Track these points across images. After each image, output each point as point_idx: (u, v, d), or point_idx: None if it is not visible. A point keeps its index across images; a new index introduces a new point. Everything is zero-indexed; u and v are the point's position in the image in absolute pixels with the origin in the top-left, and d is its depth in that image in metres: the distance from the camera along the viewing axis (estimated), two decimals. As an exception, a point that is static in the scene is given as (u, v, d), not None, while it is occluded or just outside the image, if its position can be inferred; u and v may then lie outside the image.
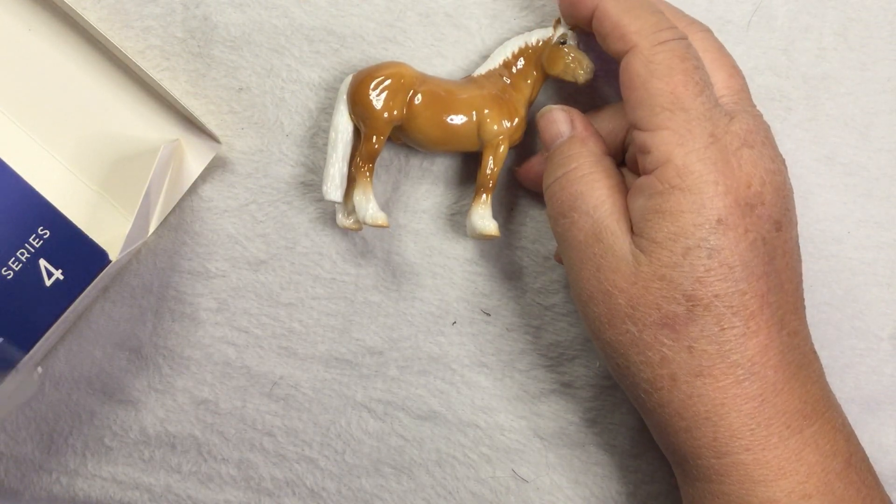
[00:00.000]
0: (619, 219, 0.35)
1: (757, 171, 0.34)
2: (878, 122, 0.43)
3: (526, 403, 0.43)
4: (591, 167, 0.37)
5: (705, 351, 0.34)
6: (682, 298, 0.33)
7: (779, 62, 0.43)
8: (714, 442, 0.34)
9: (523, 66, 0.40)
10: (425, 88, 0.39)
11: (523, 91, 0.40)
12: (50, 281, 0.39)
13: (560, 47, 0.39)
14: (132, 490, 0.44)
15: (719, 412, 0.34)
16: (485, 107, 0.39)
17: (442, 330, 0.43)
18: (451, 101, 0.39)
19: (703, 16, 0.43)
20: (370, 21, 0.42)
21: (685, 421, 0.35)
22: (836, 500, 0.34)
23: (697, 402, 0.34)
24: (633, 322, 0.35)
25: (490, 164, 0.40)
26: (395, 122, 0.39)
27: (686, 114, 0.34)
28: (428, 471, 0.43)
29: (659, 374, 0.35)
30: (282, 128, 0.42)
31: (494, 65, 0.40)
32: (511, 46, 0.40)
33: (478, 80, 0.40)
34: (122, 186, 0.42)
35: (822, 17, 0.43)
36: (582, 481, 0.43)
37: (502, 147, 0.40)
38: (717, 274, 0.33)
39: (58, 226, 0.39)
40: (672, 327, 0.34)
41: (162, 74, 0.42)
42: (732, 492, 0.34)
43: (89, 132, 0.42)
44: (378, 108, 0.38)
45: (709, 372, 0.34)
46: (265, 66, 0.42)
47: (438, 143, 0.40)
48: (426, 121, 0.39)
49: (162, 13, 0.42)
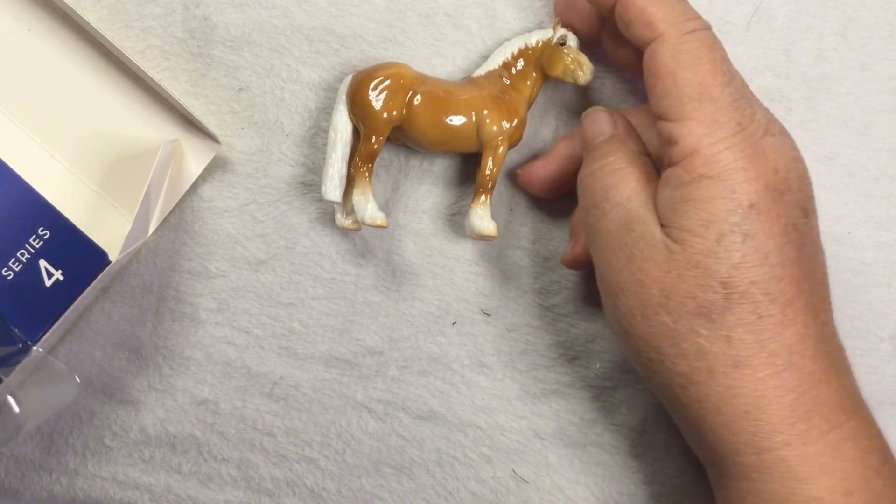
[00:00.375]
0: (650, 209, 0.35)
1: (781, 159, 0.34)
2: (878, 122, 0.43)
3: (526, 404, 0.43)
4: (626, 162, 0.36)
5: (743, 340, 0.33)
6: (719, 286, 0.33)
7: (779, 63, 0.43)
8: (754, 437, 0.33)
9: (523, 66, 0.40)
10: (425, 89, 0.39)
11: (523, 92, 0.40)
12: (50, 281, 0.39)
13: (560, 49, 0.39)
14: (132, 490, 0.44)
15: (759, 405, 0.33)
16: (484, 107, 0.39)
17: (442, 330, 0.43)
18: (451, 102, 0.39)
19: (703, 16, 0.43)
20: (370, 21, 0.42)
21: (723, 416, 0.34)
22: (877, 497, 0.33)
23: (736, 395, 0.33)
24: (667, 312, 0.34)
25: (489, 164, 0.39)
26: (394, 122, 0.39)
27: (714, 104, 0.33)
28: (428, 471, 0.43)
29: (695, 367, 0.34)
30: (282, 128, 0.42)
31: (494, 66, 0.40)
32: (510, 47, 0.40)
33: (477, 81, 0.40)
34: (122, 187, 0.42)
35: (822, 18, 0.43)
36: (582, 482, 0.43)
37: (501, 148, 0.39)
38: (752, 260, 0.33)
39: (58, 226, 0.39)
40: (708, 316, 0.33)
41: (162, 74, 0.42)
42: (774, 490, 0.33)
43: (89, 132, 0.42)
44: (377, 109, 0.38)
45: (747, 363, 0.33)
46: (265, 66, 0.42)
47: (438, 143, 0.40)
48: (425, 121, 0.39)
49: (162, 13, 0.42)
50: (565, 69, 0.39)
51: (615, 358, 0.43)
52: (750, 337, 0.33)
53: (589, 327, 0.43)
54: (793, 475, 0.33)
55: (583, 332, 0.44)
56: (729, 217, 0.33)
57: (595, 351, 0.44)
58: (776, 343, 0.33)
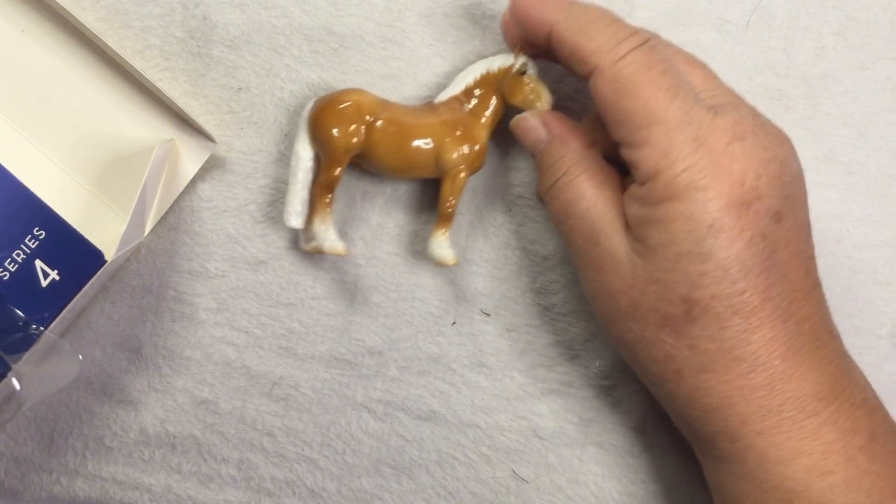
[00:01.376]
0: (612, 219, 0.36)
1: (751, 165, 0.33)
2: (877, 120, 0.43)
3: (526, 403, 0.43)
4: (577, 169, 0.37)
5: (707, 349, 0.34)
6: (679, 301, 0.34)
7: (778, 61, 0.43)
8: (726, 429, 0.35)
9: (484, 93, 0.40)
10: (385, 116, 0.39)
11: (484, 118, 0.40)
12: (46, 282, 0.39)
13: (520, 78, 0.39)
14: (132, 490, 0.44)
15: (727, 403, 0.34)
16: (444, 135, 0.39)
17: (441, 330, 0.43)
18: (411, 130, 0.39)
19: (702, 15, 0.43)
20: (369, 21, 0.42)
21: (696, 410, 0.35)
22: (861, 473, 0.34)
23: (704, 395, 0.34)
24: (634, 322, 0.35)
25: (449, 196, 0.39)
26: (354, 150, 0.39)
27: (663, 125, 0.33)
28: (428, 471, 0.43)
29: (665, 369, 0.35)
30: (281, 128, 0.42)
31: (456, 91, 0.40)
32: (473, 73, 0.40)
33: (438, 108, 0.40)
34: (118, 187, 0.42)
35: (821, 17, 0.43)
36: (582, 481, 0.43)
37: (461, 175, 0.39)
38: (711, 277, 0.33)
39: (53, 226, 0.39)
40: (672, 327, 0.34)
41: (161, 74, 0.42)
42: (751, 472, 0.35)
43: (84, 133, 0.41)
44: (337, 137, 0.38)
45: (712, 367, 0.34)
46: (264, 65, 0.42)
47: (398, 171, 0.40)
48: (385, 149, 0.39)
49: (161, 13, 0.41)
50: (524, 99, 0.39)
51: (614, 357, 0.44)
52: (713, 345, 0.34)
53: (588, 327, 0.44)
54: (766, 458, 0.34)
55: (582, 331, 0.44)
56: (687, 237, 0.33)
57: (594, 350, 0.44)
58: (741, 349, 0.34)
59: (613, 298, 0.35)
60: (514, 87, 0.39)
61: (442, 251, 0.40)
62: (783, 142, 0.35)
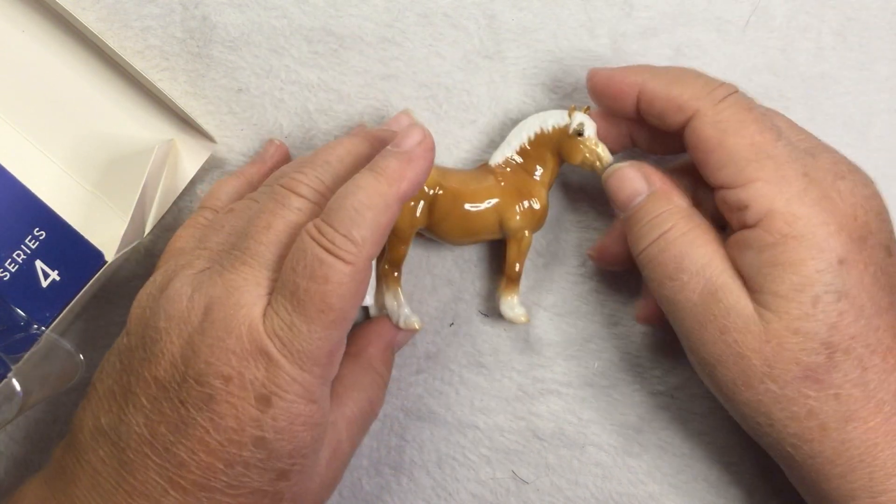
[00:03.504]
0: (732, 276, 0.34)
1: (857, 201, 0.33)
2: (876, 121, 0.43)
3: (524, 404, 0.43)
4: (686, 224, 0.35)
5: (851, 395, 0.33)
6: (821, 348, 0.32)
7: (777, 62, 0.43)
8: (870, 482, 0.33)
9: (539, 152, 0.39)
10: (445, 190, 0.38)
11: (542, 178, 0.39)
12: (46, 282, 0.39)
13: (577, 140, 0.38)
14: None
15: (872, 452, 0.33)
16: (505, 201, 0.39)
17: (439, 330, 0.43)
18: (472, 198, 0.39)
19: (702, 15, 0.43)
20: (369, 21, 0.42)
21: (838, 467, 0.33)
22: None
23: (850, 447, 0.33)
24: (772, 380, 0.33)
25: (516, 259, 0.40)
26: (418, 227, 0.39)
27: (773, 160, 0.33)
28: (428, 472, 0.43)
29: (807, 427, 0.33)
30: (280, 129, 0.42)
31: (510, 152, 0.39)
32: (526, 132, 0.39)
33: (495, 172, 0.39)
34: (118, 187, 0.42)
35: (820, 17, 0.43)
36: (581, 482, 0.43)
37: (525, 239, 0.39)
38: (850, 316, 0.32)
39: (54, 227, 0.39)
40: (815, 378, 0.33)
41: (161, 75, 0.42)
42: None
43: (84, 133, 0.42)
44: (401, 219, 0.38)
45: (857, 415, 0.33)
46: (264, 66, 0.42)
47: (461, 238, 0.40)
48: (449, 222, 0.39)
49: (161, 13, 0.41)
50: (584, 160, 0.38)
51: (612, 357, 0.43)
52: (857, 391, 0.33)
53: (586, 327, 0.43)
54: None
55: (580, 331, 0.44)
56: (821, 277, 0.32)
57: (592, 350, 0.44)
58: (883, 391, 0.33)
59: (744, 359, 0.33)
60: (572, 149, 0.38)
61: (514, 311, 0.40)
62: (872, 181, 0.35)
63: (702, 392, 0.43)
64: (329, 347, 0.32)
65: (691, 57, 0.43)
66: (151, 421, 0.32)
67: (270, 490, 0.32)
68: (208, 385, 0.31)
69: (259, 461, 0.32)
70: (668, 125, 0.36)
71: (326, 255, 0.31)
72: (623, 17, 0.43)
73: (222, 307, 0.32)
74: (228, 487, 0.32)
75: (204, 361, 0.31)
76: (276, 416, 0.31)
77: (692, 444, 0.43)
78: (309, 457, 0.33)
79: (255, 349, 0.31)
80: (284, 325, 0.31)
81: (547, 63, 0.43)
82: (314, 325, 0.31)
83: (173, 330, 0.32)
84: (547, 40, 0.43)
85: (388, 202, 0.32)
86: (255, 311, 0.32)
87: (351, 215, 0.31)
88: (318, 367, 0.32)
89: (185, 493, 0.31)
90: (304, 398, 0.32)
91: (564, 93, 0.43)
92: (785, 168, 0.33)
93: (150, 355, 0.32)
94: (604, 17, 0.43)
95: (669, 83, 0.35)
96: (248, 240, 0.33)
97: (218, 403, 0.31)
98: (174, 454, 0.31)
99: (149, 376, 0.32)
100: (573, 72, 0.43)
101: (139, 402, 0.32)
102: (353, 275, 0.31)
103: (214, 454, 0.31)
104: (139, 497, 0.32)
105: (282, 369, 0.31)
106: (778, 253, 0.33)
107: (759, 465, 0.43)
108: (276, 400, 0.31)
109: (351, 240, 0.31)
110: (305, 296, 0.31)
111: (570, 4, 0.43)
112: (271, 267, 0.33)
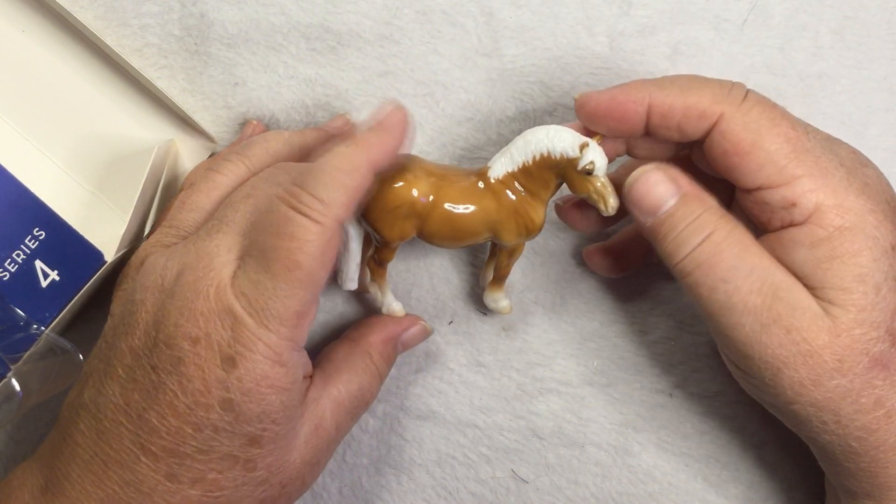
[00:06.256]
0: (787, 273, 0.33)
1: (884, 187, 0.33)
2: (874, 120, 0.43)
3: (524, 403, 0.43)
4: (727, 225, 0.34)
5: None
6: (886, 335, 0.32)
7: (775, 60, 0.43)
8: None
9: (542, 174, 0.37)
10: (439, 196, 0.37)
11: (541, 197, 0.38)
12: (46, 282, 0.39)
13: (586, 178, 0.36)
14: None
15: None
16: (502, 218, 0.37)
17: (439, 329, 0.43)
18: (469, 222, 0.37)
19: (700, 14, 0.43)
20: (367, 18, 0.42)
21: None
22: None
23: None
24: (842, 374, 0.32)
25: (506, 263, 0.40)
26: (408, 237, 0.38)
27: (811, 154, 0.33)
28: (428, 471, 0.43)
29: (874, 417, 0.33)
30: (278, 124, 0.42)
31: (513, 167, 0.37)
32: (532, 151, 0.36)
33: (494, 188, 0.37)
34: (118, 187, 0.42)
35: (818, 16, 0.43)
36: (581, 481, 0.43)
37: (519, 247, 0.39)
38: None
39: (53, 227, 0.39)
40: (883, 366, 0.32)
41: (159, 72, 0.42)
42: None
43: (84, 133, 0.42)
44: (392, 233, 0.37)
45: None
46: (262, 63, 0.42)
47: (453, 245, 0.39)
48: (442, 234, 0.38)
49: (159, 11, 0.42)
50: (589, 196, 0.36)
51: (612, 356, 0.43)
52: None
53: (585, 325, 0.43)
54: None
55: (579, 330, 0.43)
56: (880, 266, 0.32)
57: (591, 349, 0.43)
58: None
59: (814, 357, 0.32)
60: (577, 183, 0.36)
61: (499, 303, 0.41)
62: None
63: (700, 391, 0.43)
64: (296, 307, 0.32)
65: (689, 55, 0.43)
66: (126, 389, 0.32)
67: (242, 456, 0.32)
68: (177, 347, 0.31)
69: (227, 424, 0.32)
70: (687, 135, 0.34)
71: (293, 213, 0.31)
72: (621, 15, 0.43)
73: (193, 271, 0.32)
74: (198, 452, 0.32)
75: (173, 324, 0.32)
76: (242, 376, 0.31)
77: (691, 443, 0.43)
78: (281, 423, 0.33)
79: (222, 309, 0.31)
80: (251, 283, 0.31)
81: (545, 61, 0.43)
82: (280, 282, 0.31)
83: (148, 299, 0.33)
84: (545, 38, 0.43)
85: (357, 165, 0.33)
86: (225, 272, 0.32)
87: (318, 176, 0.32)
88: (284, 327, 0.32)
89: (157, 459, 0.32)
90: (269, 359, 0.32)
91: (562, 90, 0.43)
92: (823, 161, 0.33)
93: (128, 327, 0.33)
94: (602, 15, 0.43)
95: (683, 92, 0.34)
96: (225, 209, 0.34)
97: (186, 366, 0.31)
98: (146, 420, 0.32)
99: (125, 347, 0.33)
100: (571, 70, 0.43)
101: (116, 374, 0.33)
102: (321, 233, 0.31)
103: (182, 418, 0.31)
104: (114, 465, 0.32)
105: (247, 328, 0.31)
106: (834, 246, 0.32)
107: (758, 465, 0.42)
108: (240, 360, 0.31)
109: (318, 199, 0.32)
110: (272, 253, 0.31)
111: (568, 2, 0.43)
112: (243, 233, 0.33)
